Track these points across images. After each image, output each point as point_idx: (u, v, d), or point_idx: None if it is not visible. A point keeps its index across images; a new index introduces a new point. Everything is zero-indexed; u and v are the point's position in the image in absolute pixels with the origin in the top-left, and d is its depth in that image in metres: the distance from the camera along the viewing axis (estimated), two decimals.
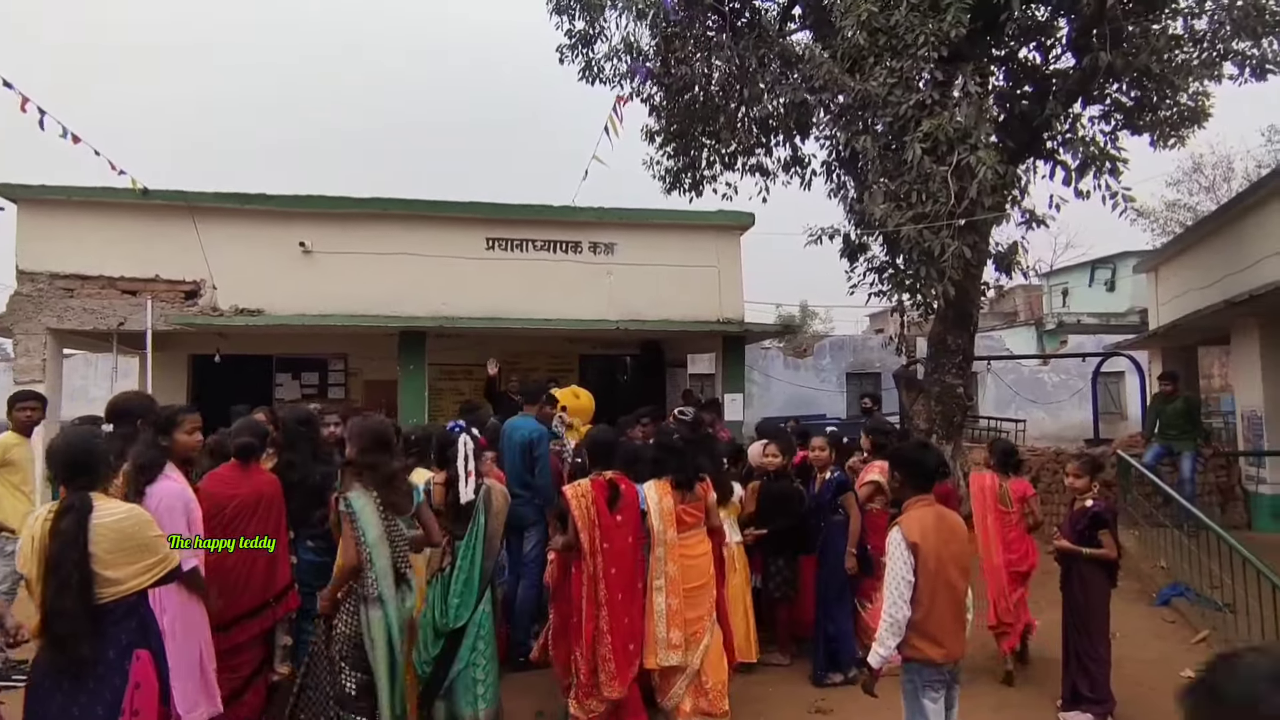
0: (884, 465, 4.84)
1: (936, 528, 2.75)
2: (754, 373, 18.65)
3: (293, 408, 4.00)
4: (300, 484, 3.79)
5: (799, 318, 37.61)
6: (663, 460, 3.97)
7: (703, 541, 4.05)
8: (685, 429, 4.77)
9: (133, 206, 7.96)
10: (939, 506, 2.82)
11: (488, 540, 3.40)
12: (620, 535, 3.78)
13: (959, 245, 7.73)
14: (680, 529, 3.93)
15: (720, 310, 9.08)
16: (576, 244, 8.88)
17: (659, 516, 3.84)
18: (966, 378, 9.86)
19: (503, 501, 3.47)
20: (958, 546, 2.78)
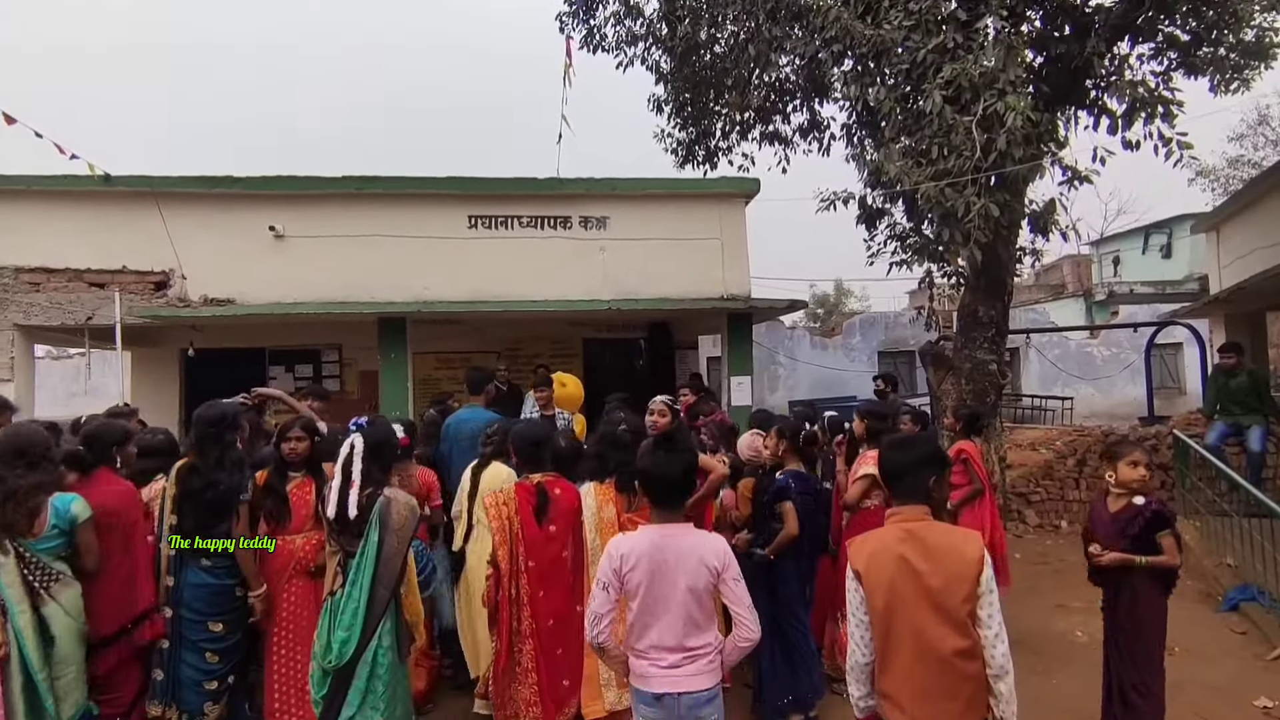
0: (876, 456, 4.13)
1: (896, 553, 2.04)
2: (779, 354, 17.82)
3: (208, 405, 3.45)
4: (200, 494, 3.24)
5: (834, 297, 36.49)
6: (605, 458, 3.33)
7: None
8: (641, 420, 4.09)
9: (96, 195, 7.57)
10: (922, 523, 2.09)
11: (382, 562, 2.80)
12: (551, 550, 3.16)
13: (985, 203, 6.86)
14: None
15: (724, 286, 8.35)
16: (565, 219, 8.24)
17: (596, 528, 3.21)
18: (1001, 353, 8.95)
19: (407, 515, 2.86)
20: (937, 581, 1.99)
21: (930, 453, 2.19)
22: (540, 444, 3.33)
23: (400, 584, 2.83)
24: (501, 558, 3.15)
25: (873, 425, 4.23)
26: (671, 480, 2.40)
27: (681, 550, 2.32)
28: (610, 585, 2.32)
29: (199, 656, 3.16)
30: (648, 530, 2.40)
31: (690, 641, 2.30)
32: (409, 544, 2.87)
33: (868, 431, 4.24)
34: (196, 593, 3.18)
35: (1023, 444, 11.26)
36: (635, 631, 2.34)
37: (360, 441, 2.85)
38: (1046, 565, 6.90)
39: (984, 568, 1.97)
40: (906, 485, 2.15)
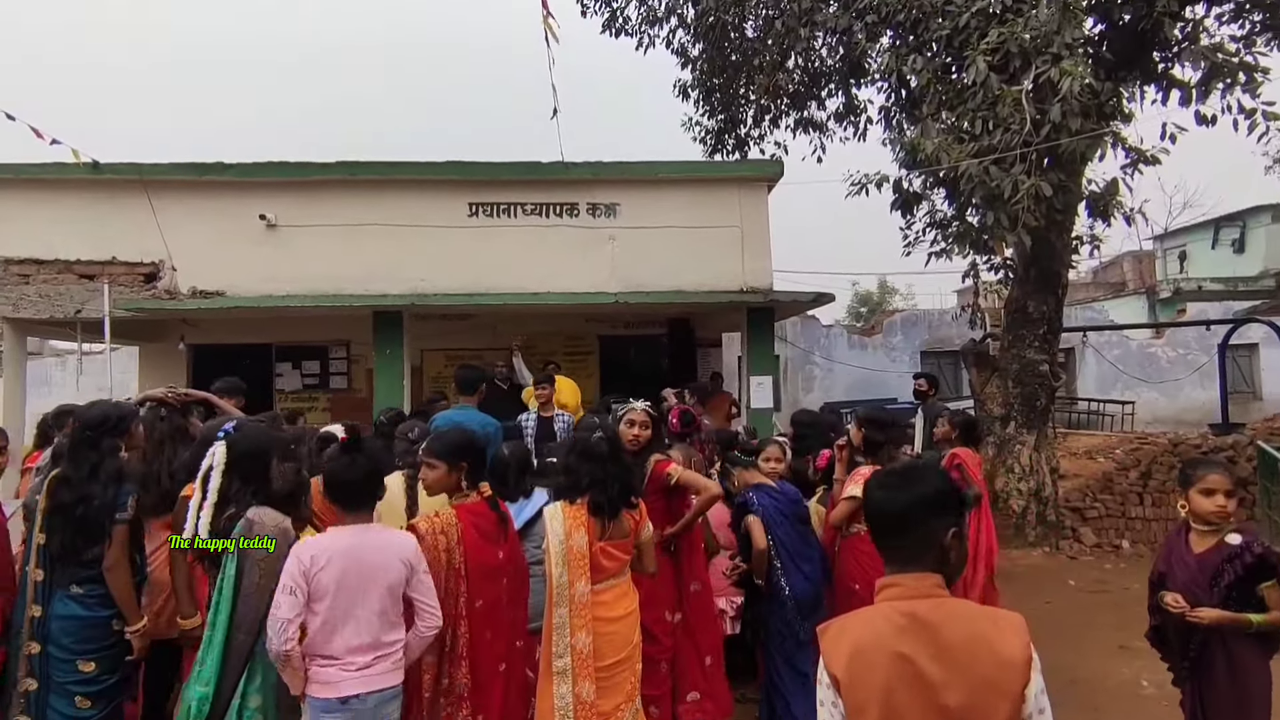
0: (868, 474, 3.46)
1: (893, 650, 1.31)
2: (815, 354, 16.99)
3: (91, 404, 2.97)
4: (70, 509, 2.76)
5: (877, 295, 35.22)
6: (576, 473, 2.73)
7: (626, 596, 2.80)
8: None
9: (86, 183, 7.30)
10: (933, 602, 1.36)
11: (242, 599, 2.26)
12: (500, 579, 2.63)
13: (1036, 182, 6.07)
14: (596, 576, 2.69)
15: (744, 278, 7.68)
16: (572, 206, 7.67)
17: (563, 559, 2.61)
18: (1053, 352, 8.07)
19: (279, 542, 2.32)
20: (957, 695, 1.27)
21: (939, 492, 1.44)
22: (467, 449, 2.75)
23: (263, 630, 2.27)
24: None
25: (871, 435, 3.54)
26: (351, 483, 2.38)
27: (379, 547, 2.34)
28: (298, 589, 2.21)
29: (67, 702, 2.67)
30: (341, 531, 2.36)
31: (385, 637, 2.31)
32: (277, 577, 2.31)
33: (865, 443, 3.55)
34: (65, 626, 2.69)
35: (1078, 451, 10.28)
36: (323, 635, 2.25)
37: (222, 452, 2.32)
38: (1105, 594, 6.06)
39: (1031, 674, 1.28)
40: (908, 543, 1.41)
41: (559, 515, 2.66)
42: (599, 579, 2.68)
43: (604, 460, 2.70)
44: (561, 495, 2.71)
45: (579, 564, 2.62)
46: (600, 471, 2.69)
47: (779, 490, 3.39)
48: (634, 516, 2.79)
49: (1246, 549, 2.43)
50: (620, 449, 2.76)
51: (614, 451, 2.73)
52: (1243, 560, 2.42)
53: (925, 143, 6.44)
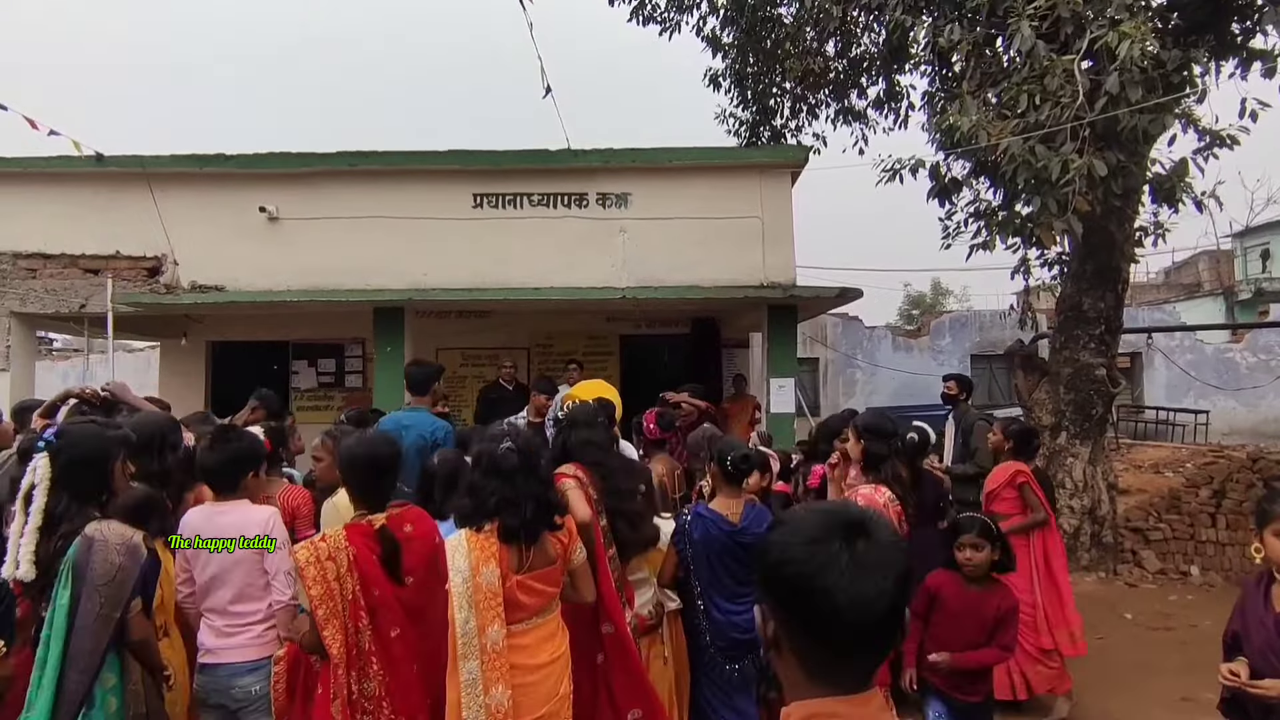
0: (874, 495, 2.91)
1: None
2: (858, 357, 16.22)
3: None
4: None
5: (930, 297, 33.91)
6: (480, 493, 2.28)
7: (553, 637, 2.33)
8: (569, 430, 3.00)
9: (89, 176, 7.22)
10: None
11: (76, 632, 1.89)
12: (412, 609, 2.21)
13: (1089, 161, 5.37)
14: (514, 616, 2.23)
15: (765, 272, 7.12)
16: (581, 196, 7.24)
17: (468, 601, 2.14)
18: (1112, 355, 7.27)
19: (121, 563, 1.93)
20: None
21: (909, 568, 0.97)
22: (380, 464, 2.34)
23: (98, 669, 1.89)
24: (330, 642, 2.17)
25: (873, 447, 2.99)
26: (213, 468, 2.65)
27: (234, 523, 2.51)
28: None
29: None
30: (201, 508, 2.62)
31: (235, 608, 2.47)
32: (125, 604, 1.92)
33: (867, 456, 3.01)
34: None
35: (1143, 465, 9.35)
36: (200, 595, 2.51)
37: (44, 465, 1.95)
38: (1169, 630, 5.30)
39: None
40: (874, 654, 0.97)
41: (463, 547, 2.19)
42: (518, 619, 2.22)
43: (514, 476, 2.23)
44: (467, 521, 2.25)
45: (490, 604, 2.15)
46: (510, 490, 2.22)
47: (720, 519, 2.86)
48: (560, 539, 2.34)
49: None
50: (536, 461, 2.30)
51: (527, 464, 2.27)
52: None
53: (961, 120, 5.79)
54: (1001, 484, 4.25)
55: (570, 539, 2.35)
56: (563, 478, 2.62)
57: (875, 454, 3.10)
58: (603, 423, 2.93)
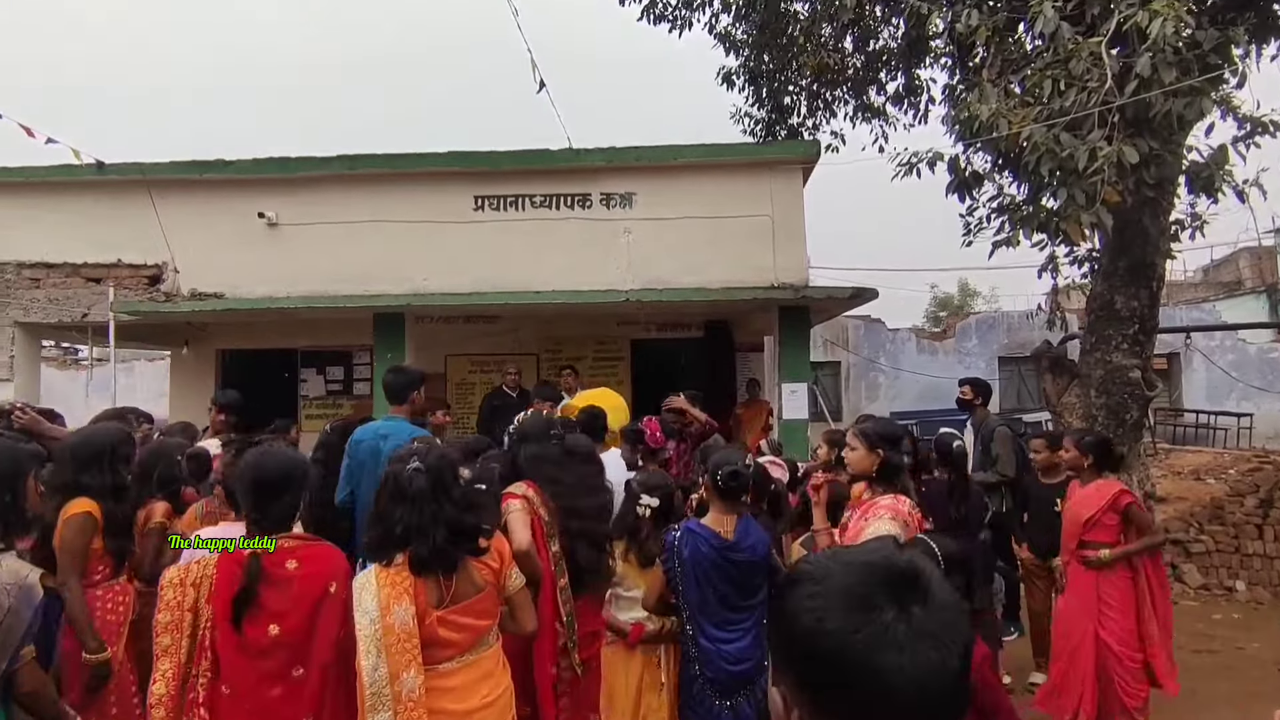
0: (897, 506, 2.62)
1: None
2: (880, 360, 15.80)
3: None
4: None
5: (957, 298, 33.21)
6: (388, 522, 2.02)
7: (489, 676, 2.07)
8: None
9: (91, 185, 7.19)
10: None
11: None
12: (265, 667, 1.91)
13: (1118, 149, 5.02)
14: (439, 655, 1.99)
15: (775, 273, 6.84)
16: (584, 197, 7.03)
17: (378, 646, 1.88)
18: (1146, 356, 6.85)
19: (3, 609, 1.72)
20: None
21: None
22: (269, 484, 2.05)
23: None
24: (157, 679, 1.89)
25: (891, 458, 2.70)
26: None
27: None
28: None
29: None
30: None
31: None
32: (13, 653, 1.71)
33: (883, 468, 2.71)
34: None
35: (1182, 471, 8.85)
36: None
37: None
38: (1213, 654, 4.90)
39: None
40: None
41: (370, 586, 1.93)
42: (446, 657, 1.97)
43: (421, 499, 1.97)
44: (374, 555, 1.99)
45: (403, 648, 1.88)
46: (417, 515, 1.96)
47: (712, 536, 2.58)
48: (489, 564, 2.09)
49: None
50: (447, 480, 2.03)
51: (436, 485, 2.01)
52: None
53: (981, 108, 5.46)
54: (1102, 509, 3.72)
55: (503, 562, 2.11)
56: (510, 498, 2.38)
57: (894, 465, 2.80)
58: (556, 436, 2.67)
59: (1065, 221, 5.44)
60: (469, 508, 2.03)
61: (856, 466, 2.90)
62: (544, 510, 2.43)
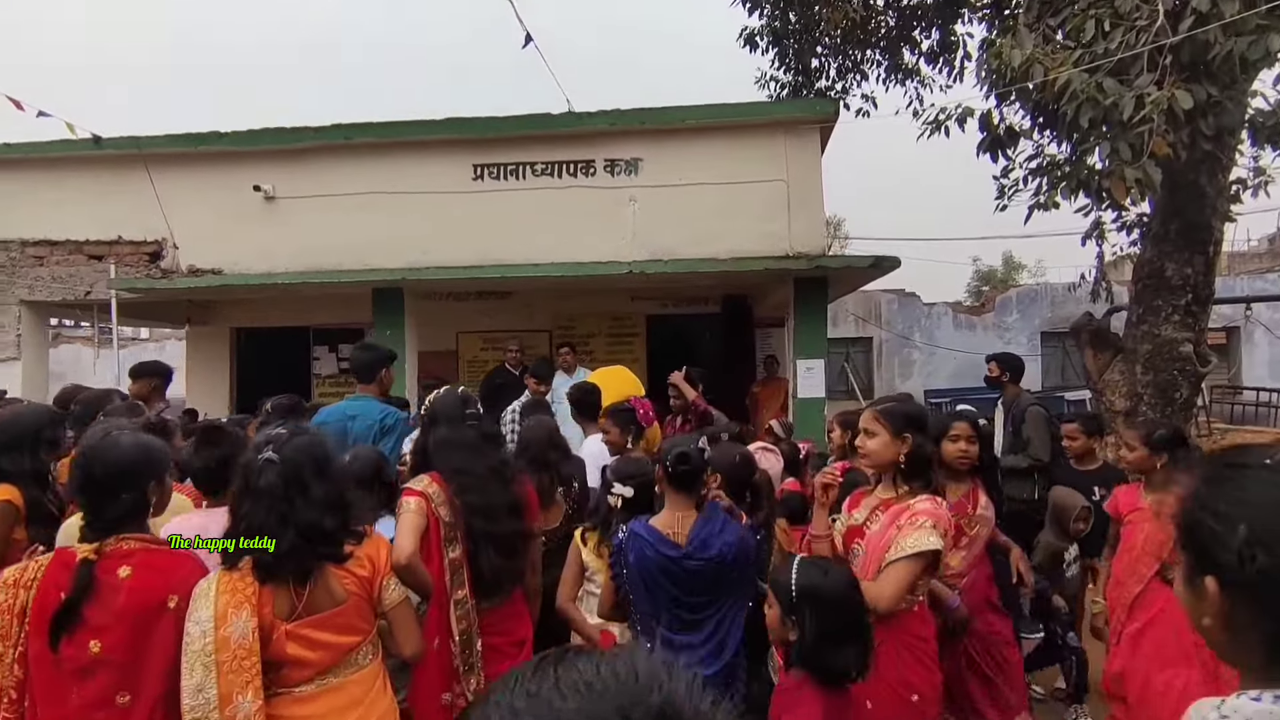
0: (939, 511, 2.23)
1: None
2: (915, 336, 15.17)
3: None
4: None
5: (1001, 272, 32.02)
6: (235, 520, 1.75)
7: (359, 704, 1.77)
8: None
9: (89, 160, 7.07)
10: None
11: None
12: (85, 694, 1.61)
13: (1170, 93, 4.46)
14: (292, 675, 1.71)
15: (790, 242, 6.41)
16: (587, 164, 6.66)
17: (208, 663, 1.58)
18: (1200, 329, 6.27)
19: None
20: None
21: None
22: (104, 477, 1.72)
23: None
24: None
25: (920, 448, 2.28)
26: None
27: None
28: None
29: None
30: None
31: None
32: None
33: (911, 461, 2.30)
34: None
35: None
36: None
37: None
38: None
39: None
40: None
41: (209, 593, 1.63)
42: (302, 678, 1.69)
43: (271, 495, 1.68)
44: (226, 560, 1.71)
45: (239, 666, 1.58)
46: (263, 514, 1.67)
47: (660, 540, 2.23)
48: (354, 572, 1.78)
49: None
50: (305, 474, 1.73)
51: (293, 479, 1.71)
52: None
53: (1014, 53, 4.93)
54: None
55: (375, 571, 1.81)
56: (407, 494, 2.08)
57: (924, 455, 2.36)
58: (473, 417, 2.34)
59: (1109, 179, 4.91)
60: (332, 507, 1.73)
61: (877, 457, 2.41)
62: (445, 509, 2.12)
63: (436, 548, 2.08)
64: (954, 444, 2.94)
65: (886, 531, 2.32)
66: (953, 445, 2.94)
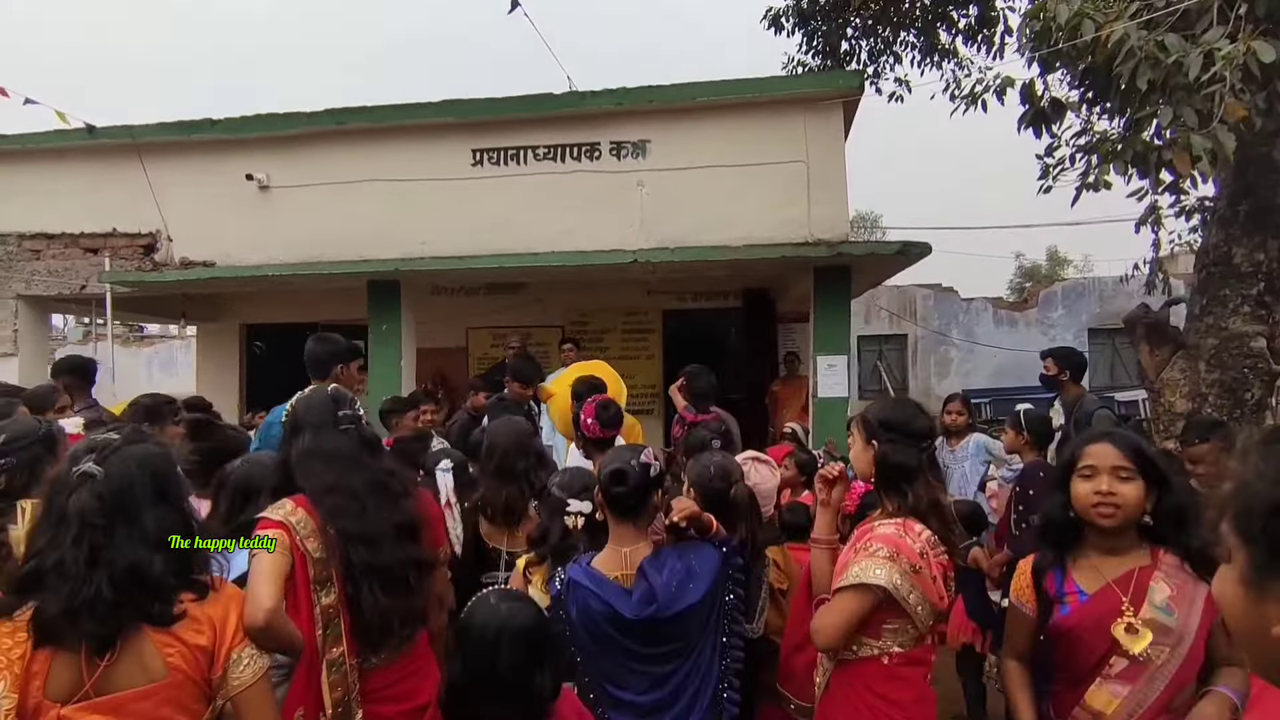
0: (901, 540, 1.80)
1: None
2: (953, 333, 14.46)
3: None
4: None
5: (1046, 267, 30.81)
6: (29, 550, 1.31)
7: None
8: None
9: (83, 151, 6.88)
10: None
11: None
12: None
13: (1243, 48, 3.86)
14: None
15: (809, 228, 5.90)
16: (592, 147, 6.23)
17: None
18: (1275, 323, 5.58)
19: None
20: None
21: None
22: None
23: None
24: None
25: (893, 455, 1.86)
26: None
27: None
28: None
29: None
30: None
31: None
32: None
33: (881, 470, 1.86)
34: None
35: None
36: None
37: None
38: None
39: None
40: None
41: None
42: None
43: (87, 522, 1.27)
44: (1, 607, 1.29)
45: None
46: (67, 547, 1.25)
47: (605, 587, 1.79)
48: (183, 639, 1.34)
49: None
50: (138, 496, 1.33)
51: (116, 500, 1.30)
52: None
53: (1060, 6, 4.36)
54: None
55: (219, 637, 1.36)
56: (265, 526, 1.65)
57: (893, 464, 1.94)
58: (348, 420, 1.91)
59: (1171, 149, 4.30)
60: (164, 544, 1.31)
61: (857, 468, 2.09)
62: (315, 541, 1.69)
63: (305, 594, 1.64)
64: (1087, 481, 1.73)
65: (846, 554, 1.94)
66: (1085, 485, 1.73)
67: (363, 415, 1.99)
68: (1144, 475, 1.69)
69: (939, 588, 1.86)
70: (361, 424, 1.94)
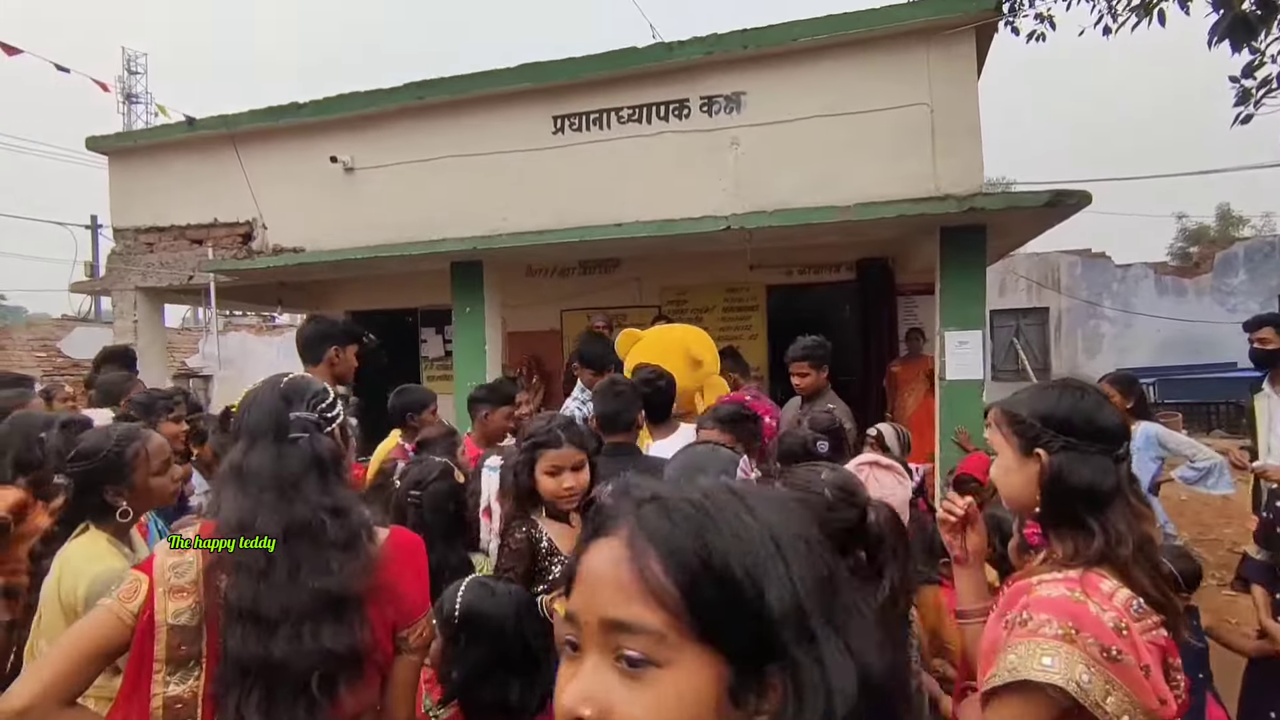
0: (1080, 610, 1.09)
1: None
2: (1104, 303, 12.76)
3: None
4: None
5: (1215, 229, 27.11)
6: None
7: None
8: None
9: (185, 144, 7.03)
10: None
11: None
12: None
13: None
14: None
15: (935, 182, 5.04)
16: (681, 104, 5.63)
17: None
18: None
19: None
20: None
21: None
22: None
23: None
24: None
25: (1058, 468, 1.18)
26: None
27: None
28: None
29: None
30: None
31: None
32: None
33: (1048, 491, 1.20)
34: None
35: None
36: None
37: None
38: None
39: None
40: None
41: None
42: None
43: None
44: None
45: None
46: None
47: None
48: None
49: None
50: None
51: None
52: None
53: None
54: None
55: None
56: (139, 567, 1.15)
57: (1083, 488, 1.24)
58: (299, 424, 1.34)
59: None
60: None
61: (1005, 490, 1.39)
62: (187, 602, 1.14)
63: (145, 677, 1.14)
64: None
65: (994, 628, 1.27)
66: None
67: (337, 415, 1.51)
68: None
69: (1156, 683, 1.17)
70: (325, 429, 1.43)
